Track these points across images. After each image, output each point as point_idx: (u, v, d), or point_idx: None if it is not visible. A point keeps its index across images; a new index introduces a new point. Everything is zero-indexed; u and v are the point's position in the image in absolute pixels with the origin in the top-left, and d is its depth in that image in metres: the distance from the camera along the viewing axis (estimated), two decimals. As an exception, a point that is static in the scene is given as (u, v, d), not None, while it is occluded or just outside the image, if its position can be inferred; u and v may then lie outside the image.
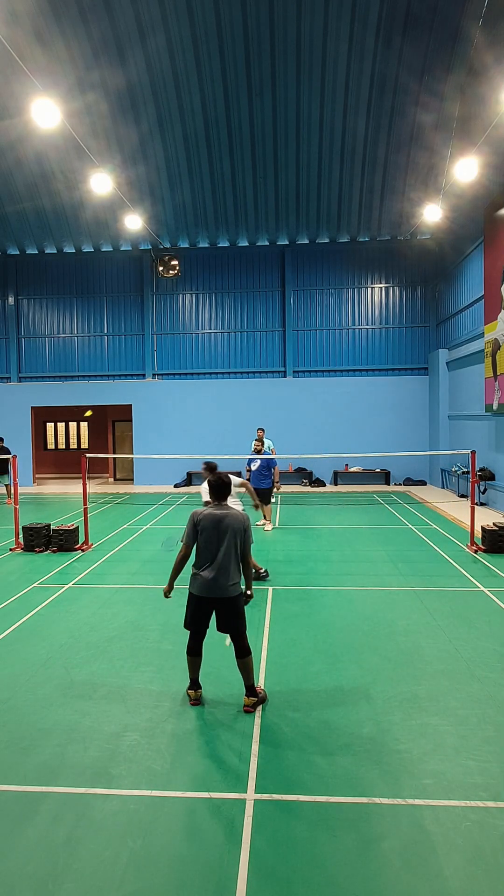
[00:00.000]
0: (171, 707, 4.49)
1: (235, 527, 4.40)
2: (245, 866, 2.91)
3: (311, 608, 6.78)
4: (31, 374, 20.11)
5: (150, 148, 15.27)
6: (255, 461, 11.55)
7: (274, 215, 17.56)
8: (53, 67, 12.74)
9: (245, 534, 4.46)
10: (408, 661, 5.25)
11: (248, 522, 4.52)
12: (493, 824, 3.19)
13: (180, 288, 19.63)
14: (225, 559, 4.37)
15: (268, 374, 19.50)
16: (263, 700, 4.56)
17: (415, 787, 3.50)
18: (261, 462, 11.45)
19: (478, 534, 9.98)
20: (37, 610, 6.82)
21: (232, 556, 4.39)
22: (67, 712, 4.43)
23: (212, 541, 4.39)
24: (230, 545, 4.38)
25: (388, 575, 8.15)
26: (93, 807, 3.36)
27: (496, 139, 11.71)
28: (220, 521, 4.40)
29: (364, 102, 13.82)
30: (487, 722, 4.21)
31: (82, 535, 10.59)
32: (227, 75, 13.41)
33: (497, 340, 12.83)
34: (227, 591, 4.39)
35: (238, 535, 4.41)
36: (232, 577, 4.40)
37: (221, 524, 4.39)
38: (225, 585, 4.38)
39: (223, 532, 4.38)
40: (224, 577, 4.37)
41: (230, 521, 4.40)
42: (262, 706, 4.50)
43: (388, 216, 17.50)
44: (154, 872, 2.89)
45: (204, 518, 4.43)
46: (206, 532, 4.40)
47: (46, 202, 17.19)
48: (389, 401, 18.97)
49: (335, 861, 2.94)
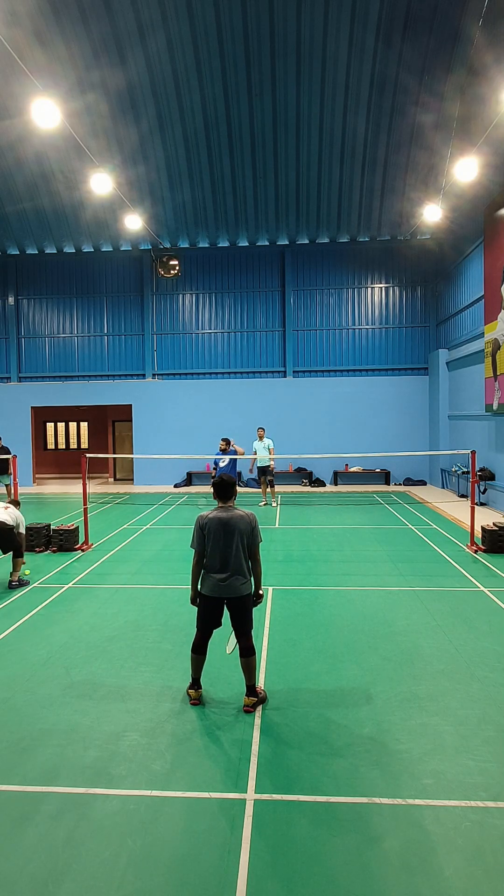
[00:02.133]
0: (171, 707, 4.49)
1: (242, 527, 4.44)
2: (245, 866, 2.91)
3: (311, 608, 6.78)
4: (31, 374, 20.11)
5: (150, 148, 15.27)
6: (221, 459, 13.58)
7: (274, 215, 17.56)
8: (53, 67, 12.74)
9: (252, 533, 4.49)
10: (408, 661, 5.25)
11: (255, 522, 4.54)
12: (493, 824, 3.19)
13: (180, 288, 19.63)
14: (234, 560, 4.41)
15: (268, 374, 19.49)
16: (263, 700, 4.57)
17: (415, 787, 3.50)
18: (228, 460, 13.62)
19: (478, 534, 9.98)
20: (37, 610, 6.82)
21: (241, 557, 4.44)
22: (67, 712, 4.43)
23: (220, 543, 4.42)
24: (238, 546, 4.42)
25: (388, 575, 8.15)
26: (93, 807, 3.36)
27: (496, 139, 11.71)
28: (227, 523, 4.43)
29: (364, 102, 13.82)
30: (487, 722, 4.21)
31: (82, 535, 10.59)
32: (227, 75, 13.41)
33: (497, 340, 12.83)
34: (238, 591, 4.44)
35: (245, 534, 4.45)
36: (242, 577, 4.45)
37: (228, 525, 4.43)
38: (236, 585, 4.43)
39: (230, 533, 4.41)
40: (234, 578, 4.42)
41: (236, 522, 4.44)
42: (262, 706, 4.50)
43: (388, 216, 17.50)
44: (154, 872, 2.89)
45: (210, 521, 4.46)
46: (213, 535, 4.43)
47: (46, 202, 17.19)
48: (389, 401, 18.97)
49: (335, 861, 2.94)
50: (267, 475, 14.86)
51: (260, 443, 15.00)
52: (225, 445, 13.93)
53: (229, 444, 14.06)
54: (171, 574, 8.31)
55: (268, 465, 14.87)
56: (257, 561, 4.55)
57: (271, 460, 14.87)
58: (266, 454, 14.68)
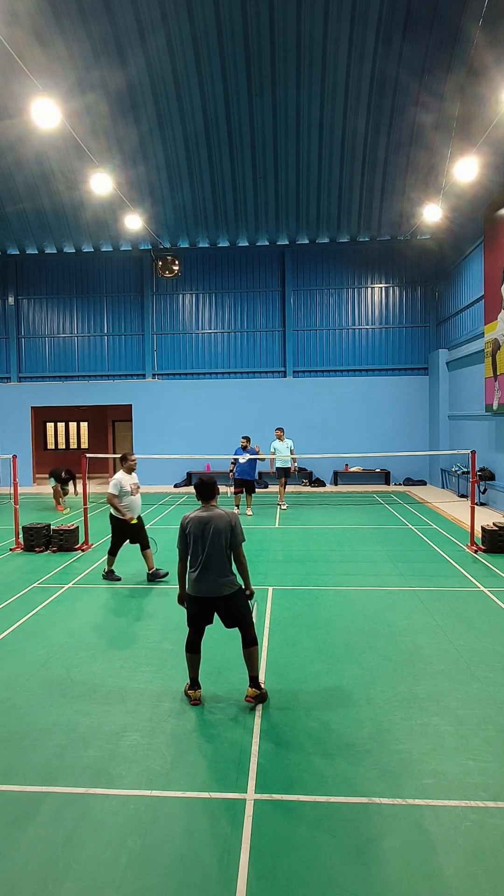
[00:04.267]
0: (171, 707, 4.49)
1: (221, 526, 4.49)
2: (245, 866, 2.91)
3: (311, 608, 6.78)
4: (31, 374, 20.11)
5: (150, 148, 15.27)
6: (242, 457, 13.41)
7: (274, 215, 17.56)
8: (53, 67, 12.73)
9: (233, 531, 4.53)
10: (408, 661, 5.25)
11: (235, 520, 4.58)
12: (493, 824, 3.19)
13: (180, 288, 19.63)
14: (215, 559, 4.46)
15: (268, 374, 19.49)
16: (265, 697, 4.58)
17: (415, 787, 3.50)
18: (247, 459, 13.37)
19: (478, 534, 9.98)
20: (37, 610, 6.82)
21: (223, 555, 4.49)
22: (67, 712, 4.43)
23: (200, 543, 4.48)
24: (219, 545, 4.47)
25: (388, 575, 8.15)
26: (93, 807, 3.36)
27: (496, 139, 11.71)
28: (207, 523, 4.50)
29: (364, 102, 13.82)
30: (487, 722, 4.21)
31: (82, 535, 10.59)
32: (227, 75, 13.41)
33: (497, 340, 12.83)
34: (221, 590, 4.47)
35: (224, 533, 4.49)
36: (224, 575, 4.48)
37: (208, 525, 4.49)
38: (219, 584, 4.46)
39: (210, 533, 4.47)
40: (216, 576, 4.46)
41: (216, 522, 4.50)
42: (262, 706, 4.50)
43: (388, 216, 17.50)
44: (154, 872, 2.89)
45: (191, 522, 4.54)
46: (194, 535, 4.50)
47: (46, 202, 17.19)
48: (389, 401, 18.96)
49: (335, 861, 2.94)
50: (286, 476, 14.64)
51: (280, 443, 14.62)
52: (246, 443, 13.55)
53: (249, 443, 13.75)
54: (171, 574, 8.30)
55: (289, 466, 14.62)
56: (241, 559, 4.58)
57: (293, 461, 14.67)
58: (287, 454, 14.37)
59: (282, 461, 14.61)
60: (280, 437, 14.81)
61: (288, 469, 14.69)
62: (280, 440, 14.74)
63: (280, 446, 14.61)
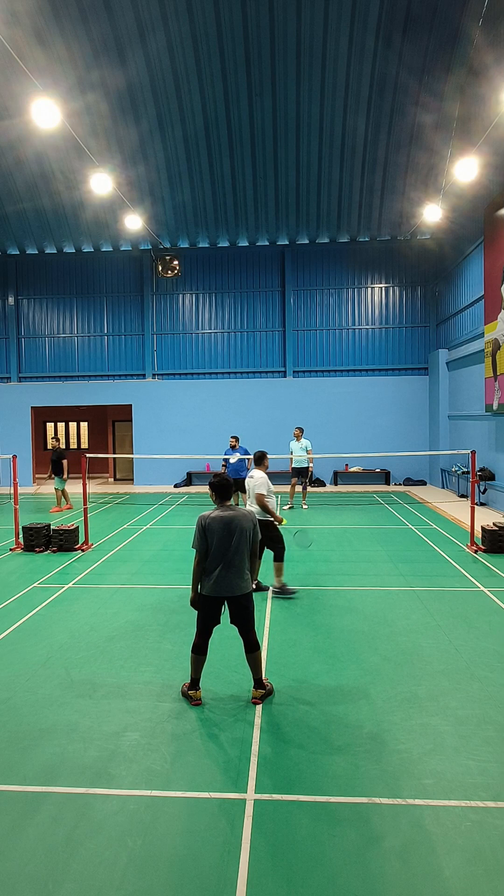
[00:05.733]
0: (171, 707, 4.49)
1: (245, 526, 4.49)
2: (245, 866, 2.91)
3: (311, 608, 6.78)
4: (31, 374, 20.11)
5: (150, 148, 15.27)
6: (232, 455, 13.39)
7: (274, 215, 17.56)
8: (53, 67, 12.73)
9: (255, 531, 4.56)
10: (408, 661, 5.25)
11: (256, 519, 4.62)
12: (493, 824, 3.19)
13: (180, 288, 19.63)
14: (237, 559, 4.45)
15: (268, 374, 19.49)
16: (270, 693, 4.62)
17: (415, 787, 3.50)
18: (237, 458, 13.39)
19: (478, 534, 9.98)
20: (37, 610, 6.82)
21: (244, 555, 4.50)
22: (67, 712, 4.43)
23: (223, 542, 4.44)
24: (241, 545, 4.46)
25: (388, 575, 8.15)
26: (93, 807, 3.36)
27: (496, 139, 11.71)
28: (230, 523, 4.47)
29: (364, 102, 13.82)
30: (487, 722, 4.21)
31: (82, 535, 10.59)
32: (227, 75, 13.41)
33: (497, 340, 12.83)
34: (239, 589, 4.48)
35: (247, 533, 4.49)
36: (243, 575, 4.50)
37: (231, 525, 4.46)
38: (237, 584, 4.47)
39: (233, 533, 4.45)
40: (236, 577, 4.46)
41: (239, 521, 4.48)
42: (262, 705, 4.50)
43: (388, 216, 17.50)
44: (154, 872, 2.89)
45: (212, 521, 4.48)
46: (215, 535, 4.44)
47: (46, 202, 17.19)
48: (389, 401, 18.96)
49: (335, 861, 2.94)
50: (303, 477, 14.39)
51: (297, 443, 14.37)
52: (235, 443, 13.47)
53: (238, 442, 13.69)
54: (171, 574, 8.31)
55: (306, 466, 14.36)
56: (258, 557, 4.61)
57: (310, 461, 14.45)
58: (304, 455, 14.13)
59: (297, 461, 14.34)
60: (298, 436, 14.49)
61: (305, 469, 14.40)
62: (297, 440, 14.46)
63: (295, 446, 14.38)
